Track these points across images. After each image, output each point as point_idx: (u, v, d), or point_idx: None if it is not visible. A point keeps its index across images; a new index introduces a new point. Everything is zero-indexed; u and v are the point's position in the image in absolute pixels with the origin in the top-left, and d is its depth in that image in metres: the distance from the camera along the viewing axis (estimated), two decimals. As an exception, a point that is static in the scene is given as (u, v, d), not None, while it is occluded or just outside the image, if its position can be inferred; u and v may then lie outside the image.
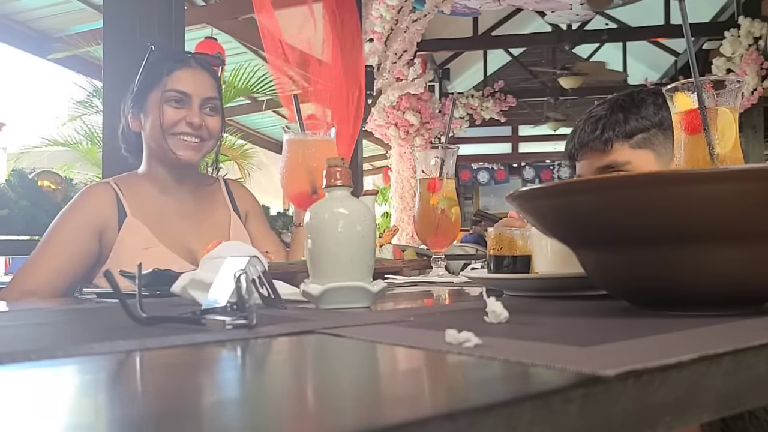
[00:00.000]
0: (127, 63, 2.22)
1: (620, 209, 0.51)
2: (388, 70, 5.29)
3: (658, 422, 0.32)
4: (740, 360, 0.36)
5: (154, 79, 1.38)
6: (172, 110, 1.36)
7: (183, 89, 1.37)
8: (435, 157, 1.19)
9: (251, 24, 5.18)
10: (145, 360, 0.41)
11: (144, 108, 1.40)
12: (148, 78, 1.39)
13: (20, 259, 6.13)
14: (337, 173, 0.69)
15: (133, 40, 2.21)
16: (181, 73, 1.38)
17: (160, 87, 1.37)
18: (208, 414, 0.26)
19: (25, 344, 0.45)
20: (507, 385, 0.31)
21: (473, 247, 3.63)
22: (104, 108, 2.34)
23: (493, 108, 8.82)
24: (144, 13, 2.22)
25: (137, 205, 1.38)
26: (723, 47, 6.92)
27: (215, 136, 1.41)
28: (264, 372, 0.38)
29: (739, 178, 0.48)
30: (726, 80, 0.72)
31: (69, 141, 6.20)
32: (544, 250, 0.88)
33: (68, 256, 1.31)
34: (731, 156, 0.71)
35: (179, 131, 1.37)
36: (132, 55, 2.22)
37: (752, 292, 0.54)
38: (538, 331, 0.49)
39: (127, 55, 2.21)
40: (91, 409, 0.29)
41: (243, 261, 0.56)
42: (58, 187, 1.94)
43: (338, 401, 0.29)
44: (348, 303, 0.66)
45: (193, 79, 1.39)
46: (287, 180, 1.09)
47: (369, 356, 0.42)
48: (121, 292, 0.52)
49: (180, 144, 1.37)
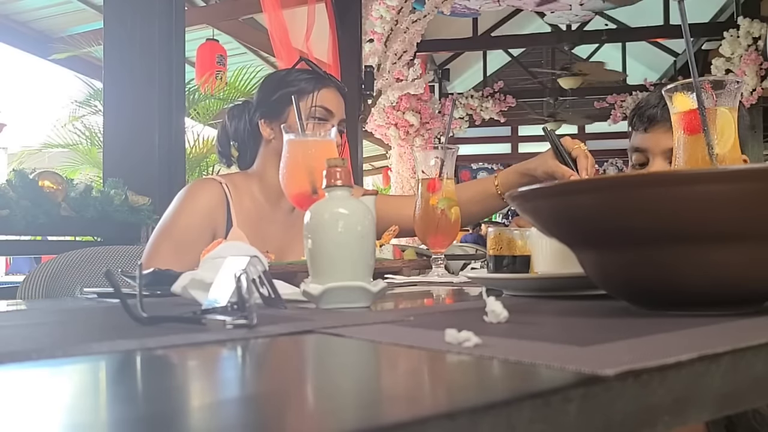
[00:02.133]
0: (127, 63, 2.23)
1: (620, 209, 0.51)
2: (388, 71, 5.29)
3: (657, 422, 0.32)
4: (739, 360, 0.36)
5: (300, 92, 1.38)
6: (318, 125, 1.38)
7: (329, 107, 1.40)
8: (435, 157, 1.19)
9: (252, 25, 5.19)
10: (145, 360, 0.41)
11: (283, 118, 1.39)
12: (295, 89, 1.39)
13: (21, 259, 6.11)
14: (337, 173, 0.69)
15: (133, 40, 2.21)
16: (327, 92, 1.41)
17: (309, 99, 1.38)
18: (208, 414, 0.26)
19: (25, 344, 0.45)
20: (506, 385, 0.31)
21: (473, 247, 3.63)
22: (105, 108, 2.35)
23: (493, 108, 8.82)
24: (144, 14, 2.22)
25: (243, 212, 1.36)
26: (722, 47, 6.93)
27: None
28: (264, 372, 0.38)
29: (738, 178, 0.48)
30: (725, 80, 0.72)
31: (69, 142, 6.20)
32: (544, 250, 0.88)
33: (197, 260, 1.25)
34: (730, 156, 0.71)
35: None
36: (132, 56, 2.22)
37: (751, 292, 0.54)
38: (537, 331, 0.49)
39: (128, 56, 2.22)
40: (91, 409, 0.29)
41: (243, 261, 0.56)
42: (59, 187, 1.93)
43: (338, 401, 0.29)
44: (348, 303, 0.66)
45: (336, 99, 1.42)
46: (287, 180, 1.09)
47: (369, 356, 0.42)
48: (122, 292, 0.52)
49: None
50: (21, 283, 1.45)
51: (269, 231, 1.39)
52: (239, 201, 1.37)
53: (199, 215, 1.31)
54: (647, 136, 1.22)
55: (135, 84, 2.21)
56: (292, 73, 1.43)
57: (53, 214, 1.88)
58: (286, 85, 1.41)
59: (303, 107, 1.37)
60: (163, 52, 2.22)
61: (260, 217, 1.39)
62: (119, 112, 2.25)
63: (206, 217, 1.31)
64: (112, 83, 2.28)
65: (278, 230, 1.41)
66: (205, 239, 1.28)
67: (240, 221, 1.34)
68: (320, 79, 1.42)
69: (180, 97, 2.29)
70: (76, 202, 1.96)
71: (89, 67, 5.44)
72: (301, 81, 1.41)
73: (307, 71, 1.44)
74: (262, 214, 1.40)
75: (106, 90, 2.37)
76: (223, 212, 1.33)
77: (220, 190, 1.35)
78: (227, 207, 1.34)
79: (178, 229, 1.30)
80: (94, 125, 5.84)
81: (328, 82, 1.43)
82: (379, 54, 5.18)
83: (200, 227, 1.30)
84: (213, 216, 1.32)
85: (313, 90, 1.39)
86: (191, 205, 1.33)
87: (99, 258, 1.54)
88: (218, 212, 1.33)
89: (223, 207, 1.33)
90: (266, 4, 3.33)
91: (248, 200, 1.39)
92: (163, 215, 1.35)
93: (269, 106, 1.42)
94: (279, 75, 1.47)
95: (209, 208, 1.32)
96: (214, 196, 1.34)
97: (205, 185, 1.37)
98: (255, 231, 1.35)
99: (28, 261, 5.54)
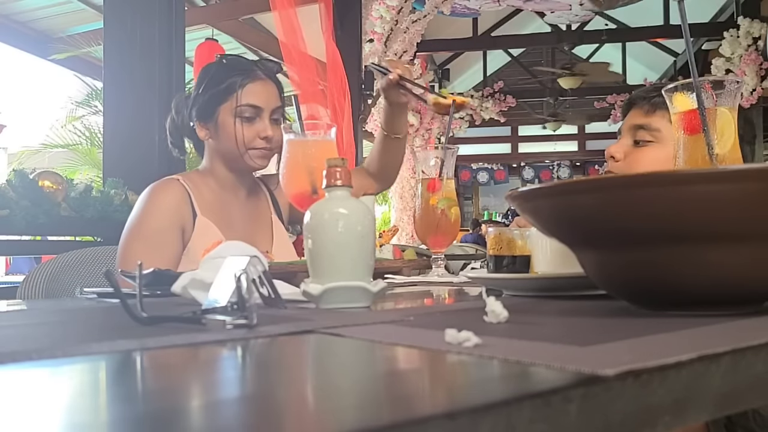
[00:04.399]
0: (127, 63, 2.23)
1: (620, 209, 0.51)
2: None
3: (657, 422, 0.32)
4: (739, 360, 0.36)
5: (226, 92, 1.37)
6: (246, 126, 1.37)
7: (255, 103, 1.37)
8: (435, 157, 1.19)
9: (252, 25, 5.19)
10: (145, 360, 0.41)
11: (213, 119, 1.39)
12: (219, 90, 1.38)
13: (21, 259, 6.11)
14: (337, 173, 0.69)
15: (133, 40, 2.21)
16: (253, 86, 1.38)
17: (232, 101, 1.37)
18: (208, 414, 0.26)
19: (25, 344, 0.45)
20: (506, 385, 0.31)
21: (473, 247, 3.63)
22: (105, 108, 2.35)
23: (493, 108, 8.82)
24: (144, 14, 2.22)
25: (204, 203, 1.38)
26: (722, 47, 6.92)
27: (280, 144, 1.39)
28: (264, 372, 0.38)
29: (738, 178, 0.48)
30: (725, 80, 0.72)
31: (69, 142, 6.20)
32: (544, 250, 0.88)
33: (168, 258, 1.29)
34: (730, 156, 0.71)
35: (254, 146, 1.38)
36: (132, 56, 2.23)
37: (751, 292, 0.54)
38: (537, 331, 0.49)
39: (127, 56, 2.22)
40: (91, 408, 0.29)
41: (243, 261, 0.56)
42: (59, 187, 1.93)
43: (338, 401, 0.29)
44: (348, 303, 0.66)
45: (263, 91, 1.39)
46: (287, 180, 1.09)
47: (369, 356, 0.42)
48: (122, 292, 0.52)
49: (255, 155, 1.39)
50: (21, 283, 1.45)
51: (233, 216, 1.42)
52: (199, 194, 1.39)
53: (166, 213, 1.33)
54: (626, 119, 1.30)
55: (135, 84, 2.21)
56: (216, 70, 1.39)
57: (53, 214, 1.88)
58: (214, 84, 1.38)
59: (229, 108, 1.36)
60: (163, 52, 2.22)
61: (222, 205, 1.42)
62: (119, 112, 2.25)
63: (174, 214, 1.33)
64: (112, 83, 2.28)
65: (242, 215, 1.44)
66: (175, 236, 1.32)
67: (203, 210, 1.36)
68: (244, 74, 1.38)
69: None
70: (76, 202, 1.96)
71: (89, 67, 5.44)
72: (224, 80, 1.38)
73: (232, 66, 1.40)
74: (224, 203, 1.42)
75: (106, 90, 2.37)
76: (188, 206, 1.35)
77: (181, 187, 1.37)
78: (190, 200, 1.36)
79: (149, 229, 1.32)
80: (94, 125, 5.84)
81: (252, 74, 1.39)
82: (379, 54, 5.18)
83: (169, 225, 1.32)
84: (180, 212, 1.34)
85: (237, 89, 1.36)
86: (157, 204, 1.34)
87: (99, 258, 1.54)
88: (183, 207, 1.35)
89: (186, 201, 1.36)
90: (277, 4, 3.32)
91: (207, 192, 1.41)
92: (128, 219, 1.35)
93: (201, 105, 1.40)
94: (208, 72, 1.41)
95: (175, 205, 1.34)
96: (177, 193, 1.36)
97: (167, 184, 1.38)
98: (220, 217, 1.38)
99: (28, 261, 5.54)
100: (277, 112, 1.41)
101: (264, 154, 1.40)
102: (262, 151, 1.39)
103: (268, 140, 1.38)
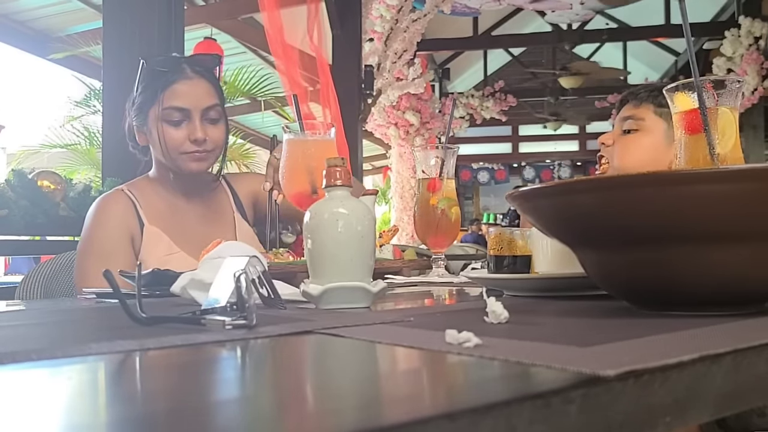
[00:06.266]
0: (127, 63, 2.23)
1: (620, 209, 0.51)
2: (388, 70, 5.29)
3: (658, 422, 0.32)
4: (740, 360, 0.36)
5: (151, 95, 1.31)
6: (173, 130, 1.30)
7: (181, 105, 1.29)
8: (435, 157, 1.19)
9: (251, 24, 5.19)
10: (145, 360, 0.41)
11: (146, 124, 1.33)
12: (146, 94, 1.32)
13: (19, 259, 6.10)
14: (337, 173, 0.69)
15: (132, 39, 2.21)
16: (177, 87, 1.30)
17: (157, 104, 1.29)
18: (207, 414, 0.26)
19: (25, 344, 0.45)
20: (507, 385, 0.31)
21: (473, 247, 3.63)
22: (104, 108, 2.35)
23: (493, 108, 8.82)
24: (144, 13, 2.22)
25: (152, 211, 1.34)
26: (723, 47, 6.93)
27: (220, 144, 1.35)
28: (264, 372, 0.38)
29: (739, 178, 0.47)
30: (726, 80, 0.72)
31: (68, 142, 6.20)
32: (544, 250, 0.88)
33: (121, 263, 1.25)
34: (731, 156, 0.71)
35: (184, 150, 1.31)
36: (132, 55, 2.22)
37: (752, 292, 0.54)
38: (538, 331, 0.49)
39: (127, 55, 2.21)
40: (90, 409, 0.29)
41: (243, 261, 0.56)
42: (58, 187, 1.93)
43: (338, 401, 0.29)
44: (348, 303, 0.66)
45: (190, 91, 1.30)
46: (287, 180, 1.09)
47: (369, 356, 0.42)
48: (121, 292, 0.52)
49: (187, 159, 1.32)
50: (20, 283, 1.45)
51: (186, 221, 1.37)
52: (147, 202, 1.35)
53: (112, 224, 1.31)
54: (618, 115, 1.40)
55: (134, 84, 2.20)
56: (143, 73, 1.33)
57: (52, 214, 1.88)
58: (142, 88, 1.33)
59: (156, 112, 1.30)
60: (163, 52, 2.21)
61: (173, 212, 1.37)
62: (118, 111, 2.25)
63: (120, 224, 1.31)
64: (112, 83, 2.28)
65: (196, 218, 1.39)
66: (124, 245, 1.30)
67: (151, 219, 1.33)
68: (169, 75, 1.30)
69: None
70: (75, 202, 1.96)
71: (88, 67, 5.44)
72: (150, 83, 1.31)
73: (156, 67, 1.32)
74: (174, 208, 1.38)
75: (105, 89, 2.36)
76: (134, 216, 1.32)
77: (125, 198, 1.34)
78: (135, 210, 1.33)
79: (98, 242, 1.30)
80: (93, 125, 5.84)
81: (178, 74, 1.30)
82: (379, 53, 5.18)
83: (117, 235, 1.30)
84: (126, 222, 1.31)
85: (159, 92, 1.29)
86: (103, 218, 1.32)
87: (99, 258, 1.54)
88: (129, 217, 1.32)
89: (132, 212, 1.32)
90: (264, 3, 3.33)
91: (156, 199, 1.37)
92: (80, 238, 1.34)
93: (135, 111, 1.35)
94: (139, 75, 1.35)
95: (120, 216, 1.31)
96: (121, 204, 1.33)
97: (110, 197, 1.36)
98: (170, 224, 1.34)
99: (26, 261, 5.54)
100: (213, 110, 1.32)
101: (198, 157, 1.31)
102: (195, 155, 1.31)
103: (199, 142, 1.30)
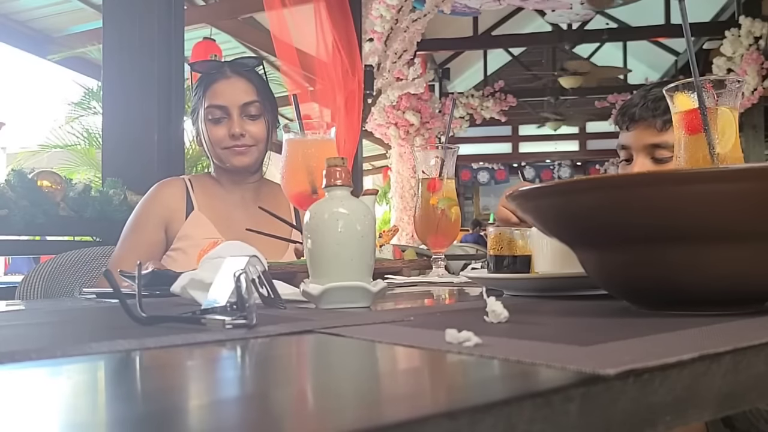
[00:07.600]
0: (127, 63, 2.23)
1: (620, 209, 0.50)
2: (388, 70, 5.29)
3: (658, 421, 0.32)
4: (740, 359, 0.36)
5: (197, 98, 1.43)
6: (214, 127, 1.41)
7: (219, 103, 1.40)
8: (435, 157, 1.19)
9: (251, 24, 5.19)
10: (145, 360, 0.41)
11: (198, 125, 1.46)
12: (196, 98, 1.45)
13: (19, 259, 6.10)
14: (337, 173, 0.69)
15: (132, 40, 2.21)
16: (217, 86, 1.41)
17: (202, 104, 1.42)
18: (208, 414, 0.26)
19: (25, 344, 0.45)
20: (507, 384, 0.31)
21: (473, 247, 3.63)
22: (104, 108, 2.34)
23: (493, 108, 8.82)
24: (144, 13, 2.22)
25: (205, 201, 1.44)
26: (723, 47, 6.93)
27: (261, 139, 1.45)
28: (264, 372, 0.38)
29: (739, 178, 0.47)
30: (726, 80, 0.72)
31: (68, 143, 6.19)
32: (544, 250, 0.88)
33: (147, 245, 1.39)
34: (731, 156, 0.71)
35: (225, 146, 1.41)
36: (131, 55, 2.22)
37: (752, 292, 0.54)
38: (538, 331, 0.49)
39: (127, 55, 2.21)
40: (90, 408, 0.29)
41: (243, 261, 0.56)
42: (58, 186, 1.93)
43: (338, 401, 0.29)
44: (348, 303, 0.66)
45: (228, 89, 1.41)
46: (287, 180, 1.09)
47: (369, 356, 0.42)
48: (121, 292, 0.52)
49: (229, 154, 1.42)
50: (20, 283, 1.45)
51: (235, 220, 1.44)
52: (202, 191, 1.46)
53: (152, 204, 1.42)
54: (630, 134, 1.27)
55: (134, 84, 2.21)
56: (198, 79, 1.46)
57: (52, 214, 1.88)
58: (194, 92, 1.46)
59: (201, 114, 1.43)
60: (163, 52, 2.21)
61: (225, 206, 1.47)
62: (118, 111, 2.25)
63: (159, 204, 1.42)
64: (111, 83, 2.28)
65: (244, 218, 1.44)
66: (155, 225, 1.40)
67: (202, 207, 1.43)
68: (207, 77, 1.43)
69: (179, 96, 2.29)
70: (75, 202, 1.96)
71: (88, 67, 5.44)
72: (197, 87, 1.44)
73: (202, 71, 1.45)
74: (226, 204, 1.47)
75: (105, 89, 2.36)
76: (183, 200, 1.42)
77: (181, 182, 1.46)
78: (188, 195, 1.43)
79: (134, 215, 1.43)
80: (93, 126, 5.84)
81: (218, 75, 1.42)
82: (379, 53, 5.18)
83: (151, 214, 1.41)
84: (168, 203, 1.42)
85: (203, 93, 1.42)
86: (150, 197, 1.45)
87: (98, 258, 1.54)
88: (176, 200, 1.42)
89: (182, 195, 1.43)
90: (269, 3, 3.32)
91: (212, 193, 1.47)
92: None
93: (192, 115, 1.48)
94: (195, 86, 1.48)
95: (166, 197, 1.42)
96: (173, 188, 1.45)
97: (166, 181, 1.49)
98: (220, 216, 1.44)
99: (26, 261, 5.54)
100: (252, 106, 1.42)
101: (239, 152, 1.42)
102: (235, 149, 1.42)
103: (237, 137, 1.40)
